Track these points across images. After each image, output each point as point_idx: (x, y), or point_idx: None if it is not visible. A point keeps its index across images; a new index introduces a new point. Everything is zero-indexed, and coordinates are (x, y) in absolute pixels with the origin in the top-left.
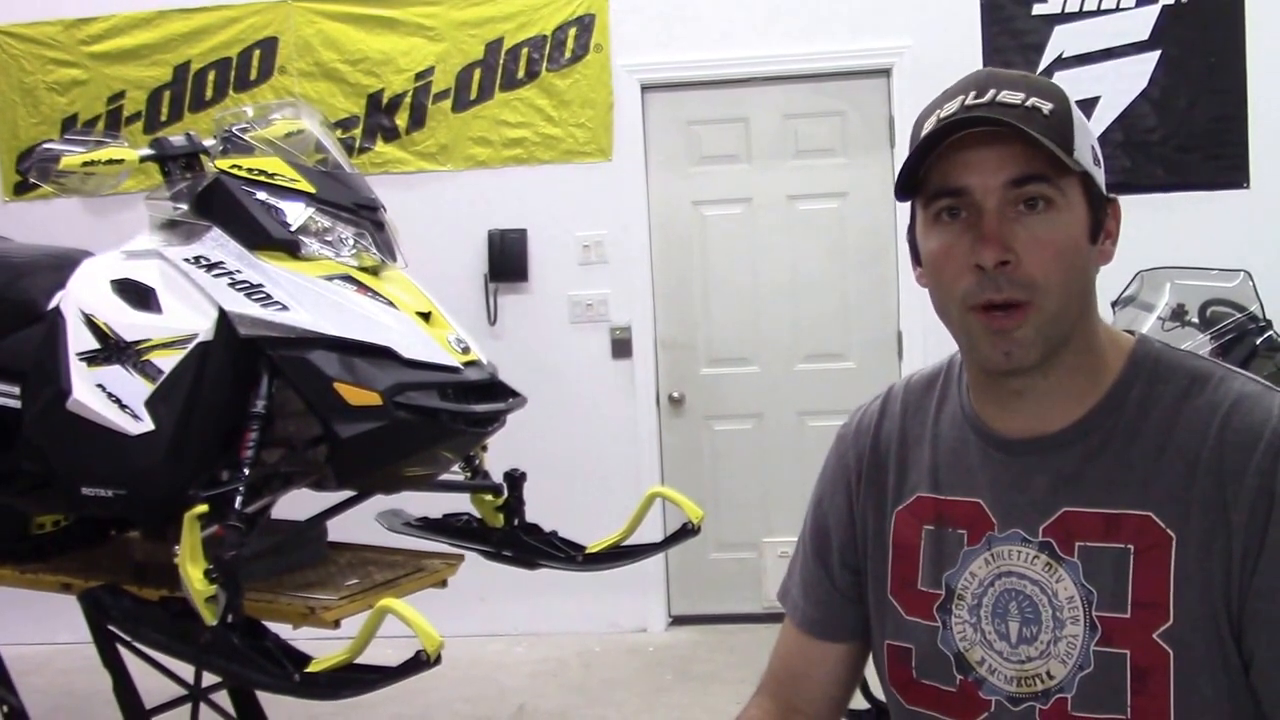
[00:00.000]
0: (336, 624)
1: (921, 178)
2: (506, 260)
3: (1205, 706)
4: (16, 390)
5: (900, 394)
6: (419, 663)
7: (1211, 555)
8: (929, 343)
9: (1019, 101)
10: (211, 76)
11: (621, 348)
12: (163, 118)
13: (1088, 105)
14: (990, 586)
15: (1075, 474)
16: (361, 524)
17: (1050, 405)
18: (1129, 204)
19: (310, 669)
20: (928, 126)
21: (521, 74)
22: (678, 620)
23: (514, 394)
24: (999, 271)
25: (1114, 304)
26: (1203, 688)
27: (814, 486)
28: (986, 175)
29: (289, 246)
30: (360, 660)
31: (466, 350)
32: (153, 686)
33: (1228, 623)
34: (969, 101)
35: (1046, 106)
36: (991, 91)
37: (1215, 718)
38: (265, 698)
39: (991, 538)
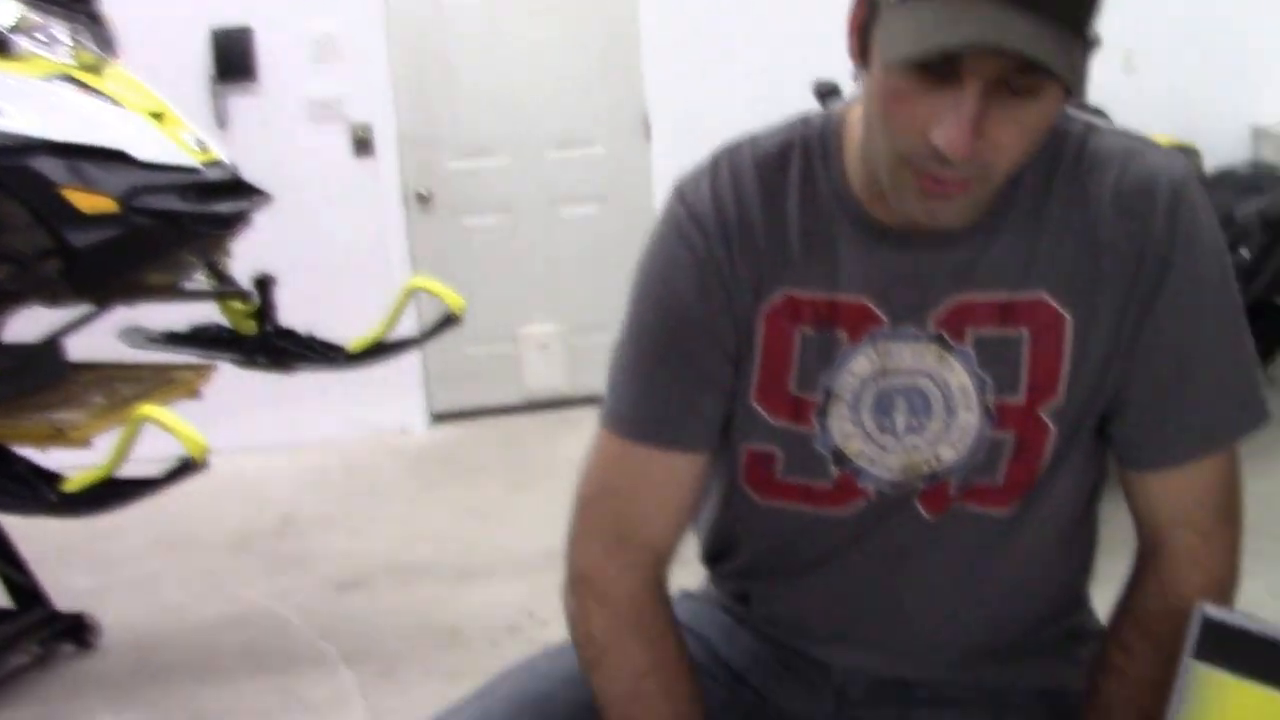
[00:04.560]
0: (88, 443)
1: None
2: (232, 59)
3: (1069, 470)
4: None
5: (750, 170)
6: (185, 468)
7: (1107, 330)
8: (680, 125)
9: None
10: None
11: (363, 146)
12: None
13: None
14: (873, 383)
15: (969, 263)
16: (103, 348)
17: None
18: None
19: (67, 488)
20: None
21: None
22: (439, 417)
23: (258, 191)
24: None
25: None
26: (1073, 455)
27: (650, 286)
28: (983, 56)
29: None
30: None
31: (206, 149)
32: None
33: (1115, 392)
34: None
35: None
36: None
37: (1075, 481)
38: (12, 529)
39: (876, 335)
